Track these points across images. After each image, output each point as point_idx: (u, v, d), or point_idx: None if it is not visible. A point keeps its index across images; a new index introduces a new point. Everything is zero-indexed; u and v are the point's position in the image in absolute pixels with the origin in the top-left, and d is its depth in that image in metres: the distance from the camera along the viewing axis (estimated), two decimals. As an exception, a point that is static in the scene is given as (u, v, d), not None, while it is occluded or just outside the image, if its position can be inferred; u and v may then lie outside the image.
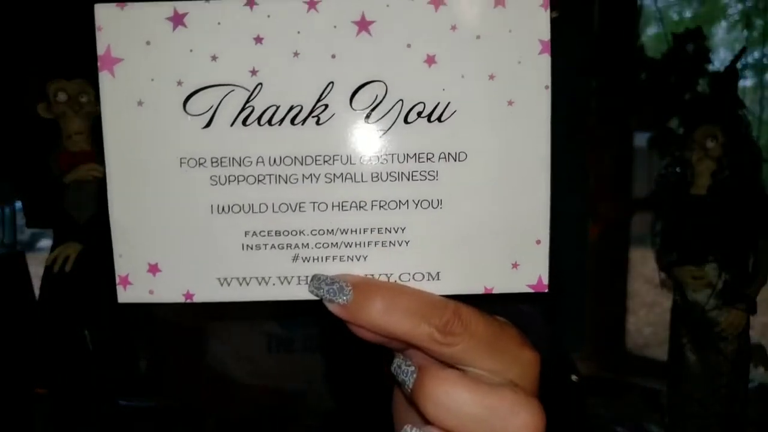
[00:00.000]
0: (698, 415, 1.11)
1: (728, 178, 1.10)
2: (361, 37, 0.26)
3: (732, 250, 1.09)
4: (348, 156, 0.27)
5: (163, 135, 0.27)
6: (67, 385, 1.04)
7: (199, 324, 1.43)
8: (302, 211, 0.27)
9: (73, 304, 1.02)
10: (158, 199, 0.27)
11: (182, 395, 1.33)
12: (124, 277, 0.28)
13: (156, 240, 0.27)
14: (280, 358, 1.42)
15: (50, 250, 1.01)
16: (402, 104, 0.26)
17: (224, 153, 0.27)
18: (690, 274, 1.11)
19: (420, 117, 0.27)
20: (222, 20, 0.26)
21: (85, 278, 1.01)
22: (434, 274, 0.28)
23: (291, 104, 0.26)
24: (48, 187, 1.00)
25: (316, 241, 0.27)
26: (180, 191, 0.27)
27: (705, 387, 1.10)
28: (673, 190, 1.16)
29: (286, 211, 0.27)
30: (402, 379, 0.27)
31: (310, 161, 0.27)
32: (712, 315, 1.09)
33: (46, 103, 1.00)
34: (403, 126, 0.27)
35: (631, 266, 3.04)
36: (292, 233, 0.27)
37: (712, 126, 1.11)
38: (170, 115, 0.26)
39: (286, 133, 0.26)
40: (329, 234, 0.27)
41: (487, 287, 0.28)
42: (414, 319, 0.25)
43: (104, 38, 0.26)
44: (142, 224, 0.27)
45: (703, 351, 1.11)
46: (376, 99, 0.26)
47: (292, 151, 0.27)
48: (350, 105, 0.26)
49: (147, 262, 0.27)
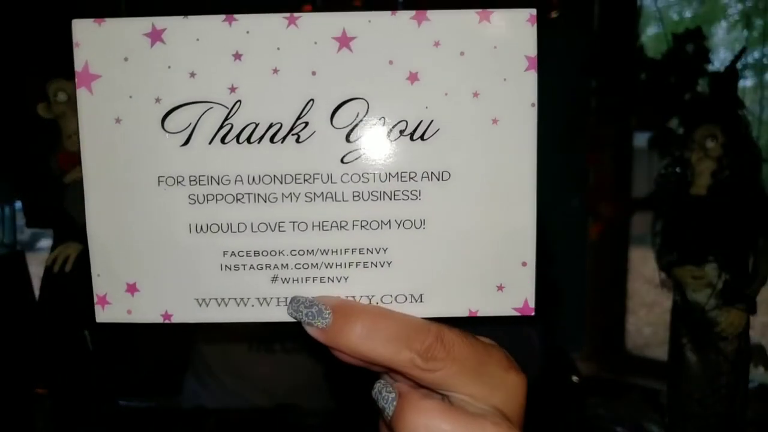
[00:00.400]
0: (698, 415, 1.11)
1: (728, 178, 1.10)
2: (342, 53, 0.26)
3: (732, 250, 1.09)
4: (329, 175, 0.26)
5: (141, 153, 0.26)
6: (67, 385, 1.04)
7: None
8: (282, 230, 0.26)
9: (73, 304, 1.02)
10: (136, 217, 0.27)
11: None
12: (102, 296, 0.28)
13: (134, 259, 0.27)
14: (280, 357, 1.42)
15: (50, 250, 1.00)
16: (384, 122, 0.26)
17: (202, 171, 0.26)
18: (690, 274, 1.11)
19: (402, 135, 0.26)
20: (201, 36, 0.26)
21: (86, 278, 1.01)
22: (417, 296, 0.27)
23: (270, 122, 0.26)
24: (48, 187, 1.00)
25: (296, 262, 0.27)
26: (158, 210, 0.26)
27: (705, 387, 1.10)
28: (672, 190, 1.16)
29: (265, 230, 0.26)
30: (382, 406, 0.26)
31: (290, 180, 0.26)
32: (712, 315, 1.09)
33: (46, 103, 1.00)
34: (385, 144, 0.26)
35: (630, 266, 3.04)
36: (271, 253, 0.27)
37: (712, 126, 1.11)
38: (148, 133, 0.26)
39: (265, 152, 0.26)
40: (309, 254, 0.27)
41: (471, 310, 0.27)
42: (395, 345, 0.25)
43: (82, 54, 0.26)
44: (121, 243, 0.27)
45: (703, 351, 1.11)
46: (357, 117, 0.26)
47: (271, 169, 0.26)
48: (331, 123, 0.26)
49: (125, 282, 0.27)
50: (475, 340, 0.26)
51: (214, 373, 1.50)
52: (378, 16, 0.26)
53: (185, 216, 0.27)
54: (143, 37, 0.26)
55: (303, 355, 1.44)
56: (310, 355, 1.47)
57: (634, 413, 1.30)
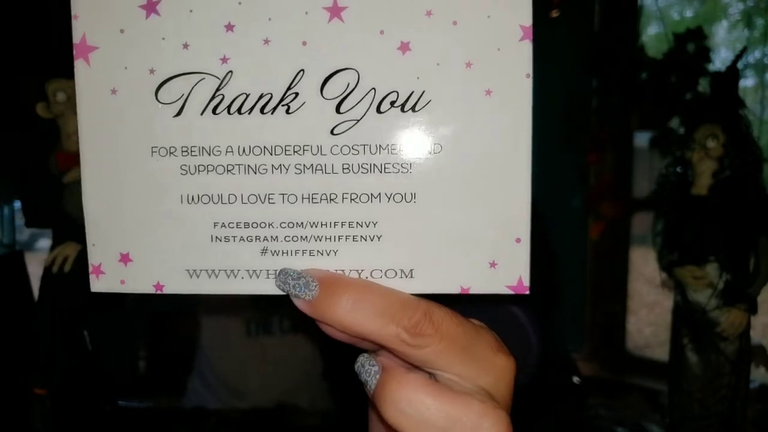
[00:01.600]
0: (699, 415, 1.11)
1: (729, 177, 1.09)
2: (334, 23, 0.25)
3: (733, 250, 1.08)
4: (318, 146, 0.26)
5: (136, 124, 0.26)
6: (66, 385, 1.04)
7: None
8: (271, 202, 0.26)
9: (73, 304, 1.02)
10: (130, 188, 0.27)
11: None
12: (97, 266, 0.28)
13: (128, 229, 0.27)
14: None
15: (49, 250, 1.01)
16: (374, 93, 0.26)
17: (194, 142, 0.26)
18: (691, 274, 1.11)
19: (393, 106, 0.26)
20: (194, 8, 0.26)
21: (85, 278, 1.01)
22: (407, 271, 0.27)
23: (261, 92, 0.26)
24: (47, 187, 1.00)
25: (285, 234, 0.26)
26: (151, 180, 0.26)
27: (706, 387, 1.10)
28: (673, 190, 1.16)
29: (255, 202, 0.26)
30: (364, 379, 0.26)
31: (280, 151, 0.26)
32: (713, 315, 1.09)
33: (45, 103, 1.00)
34: (375, 116, 0.26)
35: (631, 266, 3.04)
36: (261, 225, 0.26)
37: (713, 126, 1.11)
38: (143, 104, 0.26)
39: (256, 122, 0.26)
40: (298, 227, 0.26)
41: (463, 287, 0.27)
42: (382, 319, 0.24)
43: (80, 26, 0.26)
44: (115, 213, 0.27)
45: (704, 351, 1.11)
46: (347, 87, 0.26)
47: (261, 140, 0.26)
48: (321, 93, 0.26)
49: (119, 252, 0.27)
50: (464, 319, 0.26)
51: (217, 373, 1.50)
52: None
53: (177, 187, 0.26)
54: (139, 9, 0.26)
55: (304, 355, 1.45)
56: (310, 355, 1.47)
57: (635, 413, 1.29)
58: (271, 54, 0.26)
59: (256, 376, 1.41)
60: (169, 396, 1.38)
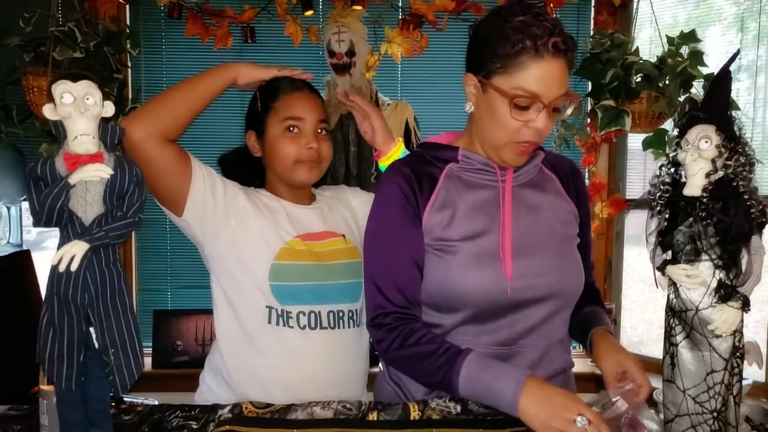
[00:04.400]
0: (692, 412, 1.12)
1: (722, 178, 1.11)
2: None
3: (726, 249, 1.10)
4: None
5: None
6: (68, 384, 1.05)
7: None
8: None
9: (79, 302, 1.03)
10: None
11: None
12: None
13: None
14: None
15: (56, 249, 1.02)
16: None
17: None
18: (684, 273, 1.13)
19: None
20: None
21: (91, 277, 1.03)
22: None
23: None
24: (54, 187, 1.01)
25: None
26: None
27: (699, 385, 1.12)
28: (667, 190, 1.17)
29: None
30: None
31: None
32: (706, 313, 1.11)
33: (52, 105, 1.01)
34: None
35: (625, 265, 3.07)
36: None
37: (707, 127, 1.13)
38: None
39: None
40: None
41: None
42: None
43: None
44: None
45: (698, 349, 1.13)
46: None
47: None
48: None
49: None
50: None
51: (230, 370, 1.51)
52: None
53: None
54: None
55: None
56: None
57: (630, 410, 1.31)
58: None
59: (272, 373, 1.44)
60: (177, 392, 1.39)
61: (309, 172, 1.55)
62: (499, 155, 1.32)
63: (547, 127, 1.24)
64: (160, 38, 3.19)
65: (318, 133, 1.56)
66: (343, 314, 1.52)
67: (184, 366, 3.08)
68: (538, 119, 1.22)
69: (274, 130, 1.54)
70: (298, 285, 1.49)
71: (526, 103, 1.21)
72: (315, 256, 1.51)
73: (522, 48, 1.19)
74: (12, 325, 1.39)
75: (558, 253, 1.34)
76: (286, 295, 1.48)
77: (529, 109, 1.22)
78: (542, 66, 1.19)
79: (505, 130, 1.26)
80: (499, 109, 1.24)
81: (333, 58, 2.65)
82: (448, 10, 2.81)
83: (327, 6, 3.01)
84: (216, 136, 2.71)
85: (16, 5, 2.42)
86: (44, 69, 2.26)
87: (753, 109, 2.46)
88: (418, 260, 1.33)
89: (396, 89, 3.17)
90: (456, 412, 1.27)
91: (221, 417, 1.26)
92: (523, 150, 1.28)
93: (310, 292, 1.50)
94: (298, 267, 1.50)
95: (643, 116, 2.31)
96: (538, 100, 1.20)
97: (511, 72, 1.21)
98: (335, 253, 1.55)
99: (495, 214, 1.33)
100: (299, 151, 1.52)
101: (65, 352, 1.03)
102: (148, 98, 1.50)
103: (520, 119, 1.23)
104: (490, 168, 1.35)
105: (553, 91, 1.20)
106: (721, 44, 2.52)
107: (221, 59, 3.12)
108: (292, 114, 1.53)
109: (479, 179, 1.36)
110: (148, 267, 3.28)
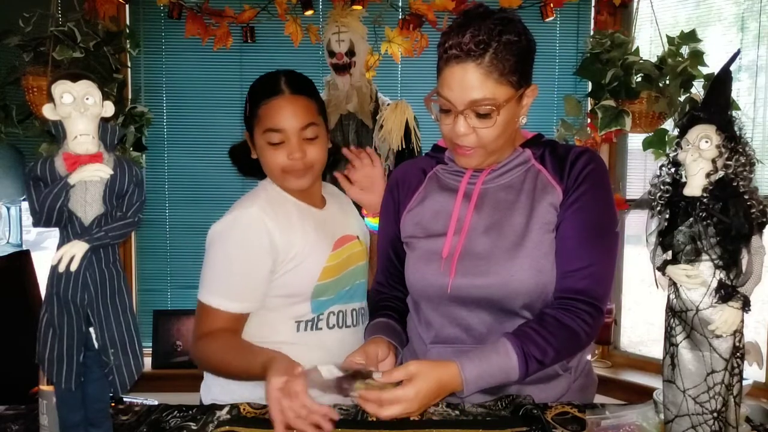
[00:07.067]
0: (693, 412, 1.12)
1: (722, 178, 1.11)
2: None
3: (726, 249, 1.10)
4: None
5: None
6: (68, 384, 1.05)
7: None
8: None
9: (78, 302, 1.03)
10: None
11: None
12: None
13: None
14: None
15: (56, 249, 1.02)
16: None
17: None
18: (684, 273, 1.13)
19: None
20: None
21: (90, 277, 1.03)
22: None
23: None
24: (53, 187, 1.01)
25: None
26: None
27: (699, 385, 1.12)
28: (667, 191, 1.17)
29: None
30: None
31: None
32: (707, 313, 1.11)
33: (52, 105, 1.01)
34: None
35: (625, 265, 3.07)
36: None
37: (707, 127, 1.13)
38: None
39: None
40: None
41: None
42: None
43: None
44: None
45: (698, 349, 1.13)
46: None
47: None
48: None
49: None
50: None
51: None
52: None
53: None
54: None
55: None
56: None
57: (629, 410, 1.31)
58: None
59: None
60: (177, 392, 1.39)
61: (298, 180, 1.54)
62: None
63: (465, 132, 1.29)
64: (160, 38, 3.19)
65: (303, 139, 1.50)
66: (355, 312, 1.63)
67: (183, 366, 3.09)
68: (455, 123, 1.28)
69: (259, 140, 1.53)
70: (333, 298, 1.57)
71: (445, 107, 1.29)
72: (345, 264, 1.58)
73: (438, 56, 1.28)
74: (12, 325, 1.39)
75: (513, 256, 1.33)
76: (322, 307, 1.56)
77: (450, 114, 1.29)
78: (448, 71, 1.26)
79: (444, 135, 1.35)
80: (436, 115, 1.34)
81: (333, 58, 2.65)
82: (448, 10, 2.81)
83: (327, 6, 3.02)
84: (223, 132, 2.74)
85: (16, 5, 2.42)
86: (44, 69, 2.26)
87: (753, 109, 2.46)
88: (394, 249, 1.52)
89: (396, 89, 3.17)
90: (455, 414, 1.27)
91: (219, 418, 1.26)
92: (462, 153, 1.34)
93: (340, 298, 1.59)
94: (335, 282, 1.56)
95: (643, 116, 2.31)
96: (451, 105, 1.26)
97: (438, 79, 1.30)
98: (355, 257, 1.63)
99: (459, 216, 1.39)
100: (284, 161, 1.50)
101: (65, 352, 1.03)
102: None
103: (445, 123, 1.31)
104: (464, 170, 1.41)
105: (465, 95, 1.25)
106: (721, 44, 2.52)
107: (221, 59, 3.12)
108: (272, 125, 1.49)
109: (454, 181, 1.43)
110: (148, 267, 3.28)
